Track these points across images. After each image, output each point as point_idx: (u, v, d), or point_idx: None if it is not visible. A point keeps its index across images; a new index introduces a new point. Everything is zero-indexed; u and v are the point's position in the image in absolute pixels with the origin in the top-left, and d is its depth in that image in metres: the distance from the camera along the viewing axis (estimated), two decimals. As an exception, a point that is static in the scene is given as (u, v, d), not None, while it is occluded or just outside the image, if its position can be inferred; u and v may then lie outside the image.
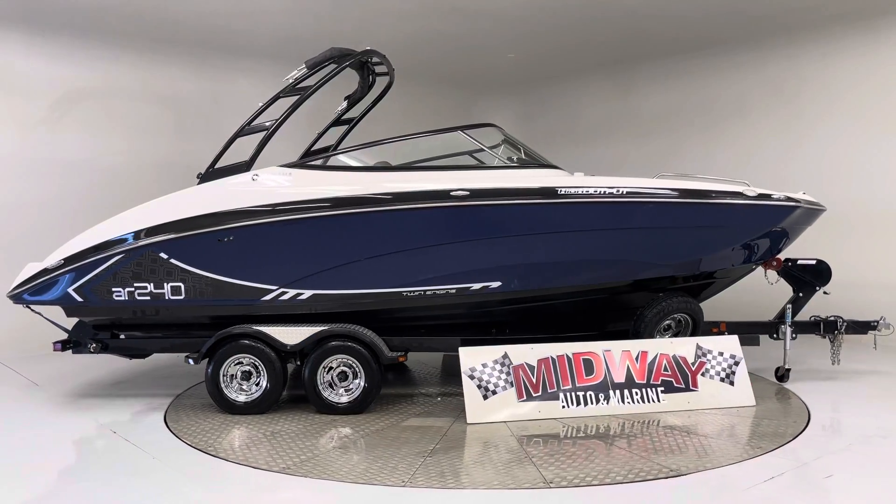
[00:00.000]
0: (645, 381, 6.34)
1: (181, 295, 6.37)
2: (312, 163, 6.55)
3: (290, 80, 6.58)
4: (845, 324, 7.23)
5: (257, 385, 6.33)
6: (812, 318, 7.34)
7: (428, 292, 6.37)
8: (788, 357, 7.24)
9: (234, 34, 10.16)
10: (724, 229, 6.52)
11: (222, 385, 6.31)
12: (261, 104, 6.59)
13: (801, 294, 7.34)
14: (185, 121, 10.73)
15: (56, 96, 9.75)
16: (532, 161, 6.68)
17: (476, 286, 6.37)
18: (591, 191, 6.23)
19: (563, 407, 6.13)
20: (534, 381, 6.17)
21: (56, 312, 6.81)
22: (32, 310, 6.75)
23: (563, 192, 6.22)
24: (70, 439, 5.83)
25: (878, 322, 7.25)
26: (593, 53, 11.38)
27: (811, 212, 6.91)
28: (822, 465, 4.93)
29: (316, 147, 7.45)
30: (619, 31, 10.12)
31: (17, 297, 6.58)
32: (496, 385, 6.11)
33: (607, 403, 6.21)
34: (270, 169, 6.46)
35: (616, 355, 6.38)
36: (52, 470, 5.16)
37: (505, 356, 6.22)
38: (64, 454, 5.52)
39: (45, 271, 6.43)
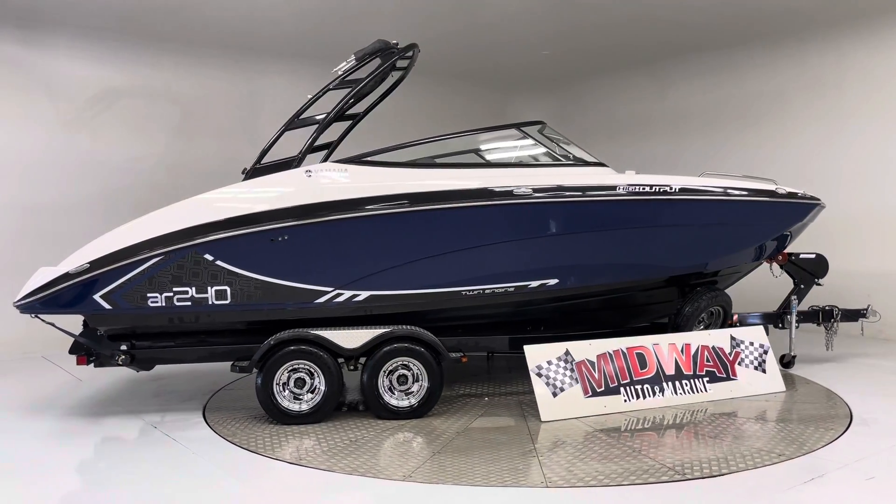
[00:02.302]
0: (692, 373, 6.57)
1: (226, 299, 5.92)
2: (368, 158, 6.27)
3: (340, 73, 6.29)
4: (840, 312, 7.83)
5: (312, 392, 5.99)
6: (810, 308, 7.90)
7: (486, 291, 6.28)
8: (784, 345, 7.74)
9: (269, 35, 10.14)
10: (762, 226, 6.89)
11: (276, 394, 5.93)
12: (309, 97, 6.25)
13: (802, 286, 7.86)
14: (221, 121, 10.71)
15: (98, 98, 9.82)
16: (582, 159, 6.74)
17: (534, 284, 6.36)
18: (648, 188, 6.38)
19: (625, 401, 6.24)
20: (596, 376, 6.25)
21: (65, 320, 6.18)
22: (43, 320, 6.05)
23: (622, 190, 6.33)
24: (112, 433, 5.84)
25: (865, 310, 7.91)
26: (629, 50, 11.22)
27: (819, 209, 7.42)
28: (864, 466, 4.80)
29: (318, 143, 7.18)
30: (655, 26, 9.92)
31: (28, 307, 5.86)
32: (563, 382, 6.13)
33: (663, 395, 6.38)
34: (324, 165, 6.17)
35: (664, 348, 6.58)
36: (94, 463, 5.28)
37: (567, 353, 6.25)
38: (105, 448, 5.56)
39: (66, 276, 5.77)
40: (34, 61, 9.33)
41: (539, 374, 6.10)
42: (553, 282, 6.39)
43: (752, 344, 6.89)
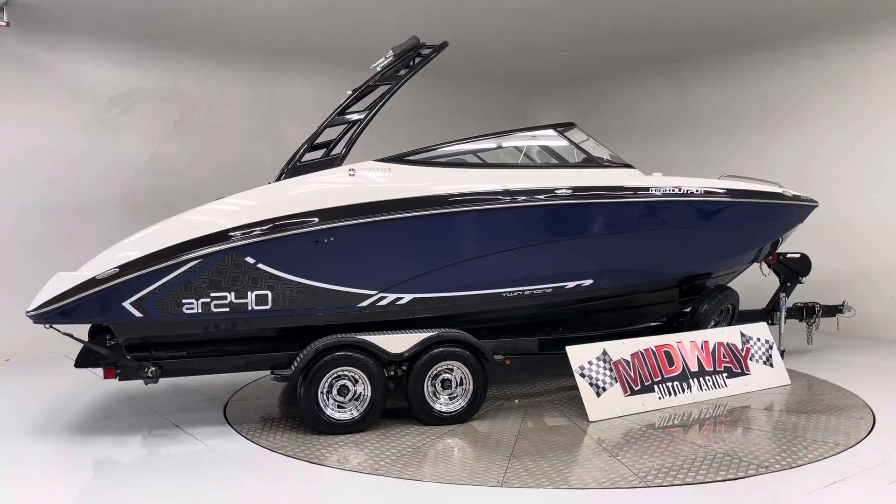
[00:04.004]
0: (712, 369, 6.80)
1: (267, 304, 5.61)
2: (411, 158, 6.10)
3: (378, 69, 6.10)
4: (821, 309, 8.32)
5: (357, 399, 5.76)
6: (794, 305, 8.34)
7: (526, 292, 6.26)
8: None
9: (289, 37, 10.13)
10: (773, 226, 7.22)
11: (321, 403, 5.67)
12: (349, 93, 6.02)
13: (788, 284, 8.29)
14: (243, 122, 10.73)
15: (120, 99, 9.85)
16: (611, 161, 6.82)
17: (571, 284, 6.39)
18: (677, 190, 6.54)
19: (660, 398, 6.38)
20: (632, 375, 6.35)
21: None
22: (59, 330, 5.53)
23: (657, 192, 6.46)
24: (132, 433, 5.80)
25: (842, 305, 8.44)
26: (647, 50, 11.13)
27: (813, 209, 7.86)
28: (887, 470, 4.78)
29: (319, 141, 6.97)
30: (673, 26, 9.86)
31: (46, 316, 5.33)
32: (604, 382, 6.19)
33: (690, 392, 6.57)
34: (367, 164, 5.95)
35: (686, 346, 6.77)
36: (115, 462, 5.27)
37: (604, 353, 6.32)
38: (125, 447, 5.52)
39: (92, 282, 5.29)
40: (59, 64, 9.41)
41: (583, 375, 6.14)
42: (588, 282, 6.45)
43: (759, 340, 7.20)
